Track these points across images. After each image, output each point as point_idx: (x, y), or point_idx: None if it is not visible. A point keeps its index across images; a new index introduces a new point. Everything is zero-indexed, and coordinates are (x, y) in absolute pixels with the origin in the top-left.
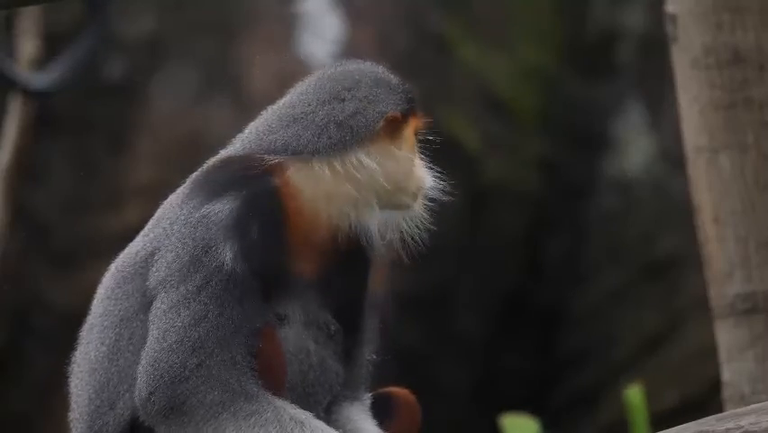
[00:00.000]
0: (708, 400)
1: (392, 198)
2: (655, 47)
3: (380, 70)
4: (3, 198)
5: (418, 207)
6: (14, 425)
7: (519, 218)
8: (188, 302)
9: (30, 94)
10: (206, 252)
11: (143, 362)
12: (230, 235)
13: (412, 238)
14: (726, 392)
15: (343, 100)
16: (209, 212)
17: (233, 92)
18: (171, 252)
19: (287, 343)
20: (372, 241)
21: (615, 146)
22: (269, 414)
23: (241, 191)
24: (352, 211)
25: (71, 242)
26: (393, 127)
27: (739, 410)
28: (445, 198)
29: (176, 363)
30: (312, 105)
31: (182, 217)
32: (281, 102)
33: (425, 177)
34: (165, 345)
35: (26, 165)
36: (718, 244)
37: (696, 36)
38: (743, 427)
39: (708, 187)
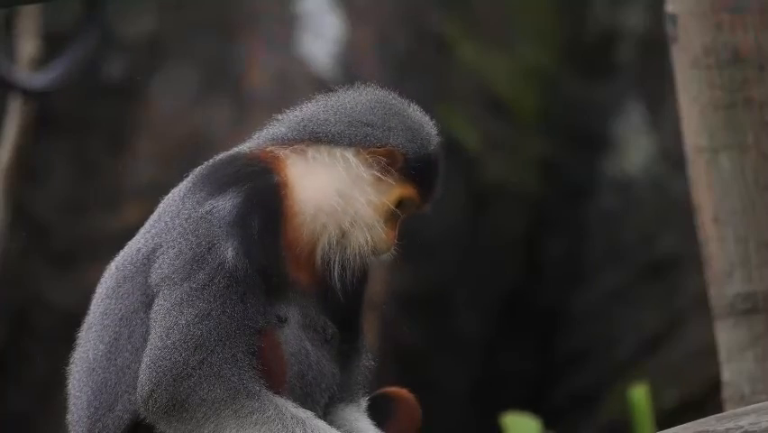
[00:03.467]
0: (708, 400)
1: (349, 234)
2: (655, 47)
3: (429, 127)
4: (3, 197)
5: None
6: (14, 425)
7: (519, 218)
8: (192, 300)
9: (29, 94)
10: (210, 249)
11: (145, 359)
12: (233, 233)
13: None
14: (726, 392)
15: (372, 113)
16: (212, 208)
17: (233, 92)
18: (174, 248)
19: (286, 343)
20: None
21: (615, 146)
22: (270, 412)
23: (243, 187)
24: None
25: (71, 242)
26: (388, 162)
27: (739, 410)
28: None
29: (178, 361)
30: (346, 102)
31: (185, 213)
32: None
33: (387, 240)
34: (168, 342)
35: (26, 165)
36: (718, 244)
37: (696, 36)
38: (743, 427)
39: (708, 187)
